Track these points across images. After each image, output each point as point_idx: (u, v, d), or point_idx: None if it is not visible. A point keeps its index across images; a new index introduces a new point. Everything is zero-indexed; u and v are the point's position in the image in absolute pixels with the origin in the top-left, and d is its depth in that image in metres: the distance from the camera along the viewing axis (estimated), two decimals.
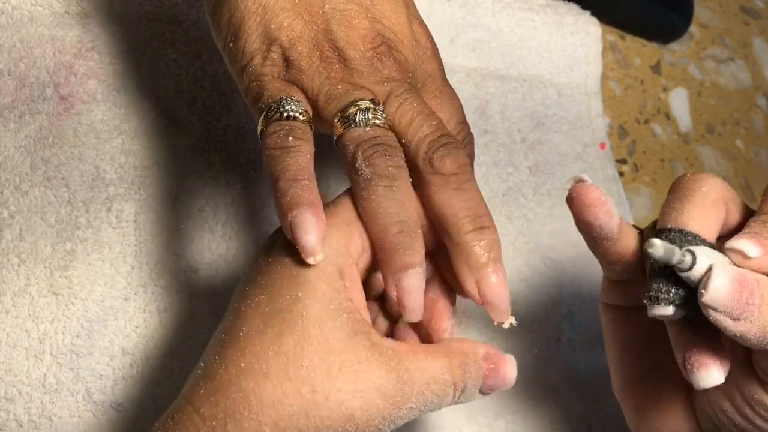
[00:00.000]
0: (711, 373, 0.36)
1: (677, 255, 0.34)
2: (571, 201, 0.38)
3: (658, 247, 0.34)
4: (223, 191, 0.52)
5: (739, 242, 0.35)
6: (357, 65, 0.39)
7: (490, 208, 0.57)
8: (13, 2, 0.52)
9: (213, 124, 0.53)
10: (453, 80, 0.62)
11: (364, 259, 0.38)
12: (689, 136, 0.71)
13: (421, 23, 0.44)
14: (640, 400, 0.42)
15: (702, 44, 0.76)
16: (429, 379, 0.35)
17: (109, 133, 0.51)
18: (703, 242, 0.36)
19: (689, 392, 0.41)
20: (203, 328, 0.48)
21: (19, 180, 0.48)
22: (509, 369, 0.37)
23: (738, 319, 0.34)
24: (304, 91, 0.39)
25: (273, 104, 0.38)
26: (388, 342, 0.35)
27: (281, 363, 0.34)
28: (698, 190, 0.38)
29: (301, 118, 0.37)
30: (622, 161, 0.67)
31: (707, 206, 0.37)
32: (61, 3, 0.53)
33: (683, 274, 0.35)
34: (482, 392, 0.37)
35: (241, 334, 0.35)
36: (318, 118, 0.39)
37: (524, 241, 0.58)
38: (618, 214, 0.38)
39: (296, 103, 0.38)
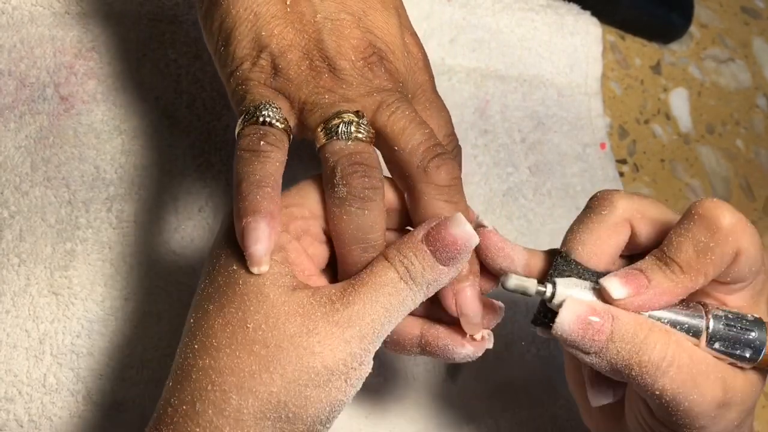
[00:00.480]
0: (602, 392, 0.39)
1: (531, 288, 0.37)
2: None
3: (509, 282, 0.37)
4: (223, 191, 0.52)
5: (607, 281, 0.36)
6: (347, 76, 0.39)
7: (490, 208, 0.57)
8: (14, 2, 0.52)
9: (213, 124, 0.53)
10: (453, 80, 0.62)
11: (315, 227, 0.38)
12: (689, 136, 0.71)
13: (413, 34, 0.44)
14: (585, 400, 0.43)
15: (702, 44, 0.76)
16: (376, 286, 0.35)
17: (109, 133, 0.51)
18: (584, 271, 0.38)
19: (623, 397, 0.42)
20: None
21: (20, 180, 0.48)
22: (454, 230, 0.36)
23: (587, 353, 0.36)
24: (289, 99, 0.39)
25: (252, 108, 0.38)
26: (332, 284, 0.36)
27: (228, 332, 0.34)
28: (599, 212, 0.39)
29: (279, 125, 0.38)
30: (622, 161, 0.67)
31: (601, 231, 0.38)
32: (62, 3, 0.53)
33: (548, 305, 0.37)
34: (445, 264, 0.36)
35: (192, 320, 0.36)
36: (301, 126, 0.39)
37: (524, 241, 0.58)
38: (524, 251, 0.39)
39: (275, 109, 0.38)
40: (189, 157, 0.52)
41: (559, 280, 0.37)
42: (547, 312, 0.38)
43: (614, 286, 0.36)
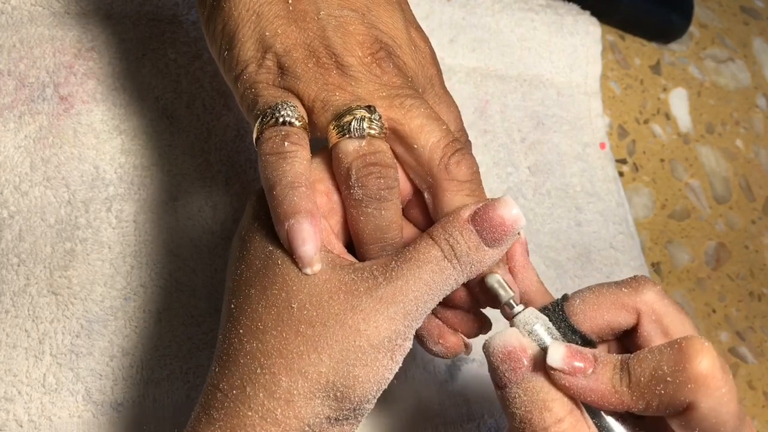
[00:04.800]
0: None
1: (504, 296, 0.37)
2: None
3: (492, 279, 0.37)
4: (222, 191, 0.52)
5: (554, 345, 0.35)
6: (355, 72, 0.38)
7: None
8: (13, 2, 0.52)
9: (212, 124, 0.53)
10: (453, 80, 0.62)
11: (337, 214, 0.38)
12: (689, 136, 0.71)
13: (418, 28, 0.44)
14: None
15: (702, 44, 0.76)
16: (419, 263, 0.35)
17: (108, 133, 0.51)
18: (563, 323, 0.37)
19: None
20: (203, 327, 0.48)
21: (19, 180, 0.48)
22: (502, 211, 0.36)
23: (497, 387, 0.35)
24: (299, 98, 0.38)
25: (268, 110, 0.37)
26: (373, 260, 0.36)
27: (273, 314, 0.34)
28: (620, 287, 0.38)
29: (297, 123, 0.37)
30: (622, 161, 0.67)
31: (606, 300, 0.37)
32: (61, 3, 0.53)
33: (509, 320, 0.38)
34: (490, 246, 0.36)
35: (232, 306, 0.36)
36: (312, 125, 0.39)
37: None
38: (535, 278, 0.39)
39: (292, 108, 0.37)
40: (189, 157, 0.52)
41: (532, 311, 0.36)
42: None
43: (555, 352, 0.34)
